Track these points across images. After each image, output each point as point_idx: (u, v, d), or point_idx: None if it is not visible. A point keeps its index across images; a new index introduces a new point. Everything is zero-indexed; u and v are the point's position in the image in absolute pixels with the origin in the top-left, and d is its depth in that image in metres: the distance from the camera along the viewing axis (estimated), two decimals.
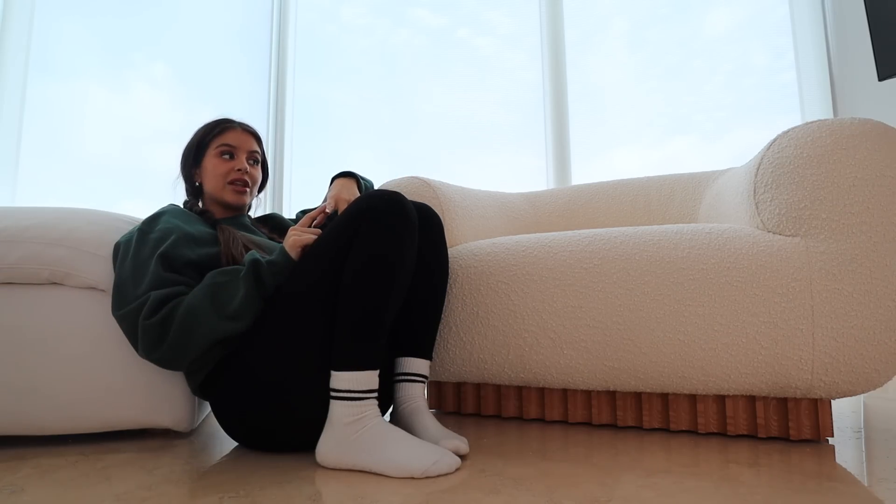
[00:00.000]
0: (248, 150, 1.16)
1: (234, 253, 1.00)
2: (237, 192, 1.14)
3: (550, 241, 1.15)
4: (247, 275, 0.90)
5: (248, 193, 1.16)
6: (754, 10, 2.41)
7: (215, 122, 1.18)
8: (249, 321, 0.91)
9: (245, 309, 0.90)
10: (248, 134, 1.18)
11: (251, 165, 1.17)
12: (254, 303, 0.90)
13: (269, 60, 2.90)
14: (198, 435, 1.14)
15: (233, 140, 1.15)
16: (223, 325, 0.88)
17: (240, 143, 1.15)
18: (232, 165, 1.14)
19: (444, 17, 2.80)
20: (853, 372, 0.92)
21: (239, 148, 1.15)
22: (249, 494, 0.74)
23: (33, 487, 0.78)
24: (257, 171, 1.19)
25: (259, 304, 0.91)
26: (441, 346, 1.22)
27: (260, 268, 0.91)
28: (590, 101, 2.62)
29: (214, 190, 1.14)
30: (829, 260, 0.92)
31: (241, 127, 1.18)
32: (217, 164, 1.13)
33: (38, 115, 2.57)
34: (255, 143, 1.19)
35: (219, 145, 1.14)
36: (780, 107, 2.34)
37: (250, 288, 0.90)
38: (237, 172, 1.13)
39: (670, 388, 1.04)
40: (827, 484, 0.74)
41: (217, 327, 0.88)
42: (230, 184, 1.13)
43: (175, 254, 0.95)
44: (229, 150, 1.14)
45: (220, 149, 1.14)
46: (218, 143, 1.14)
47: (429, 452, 0.82)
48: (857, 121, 0.95)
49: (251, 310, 0.90)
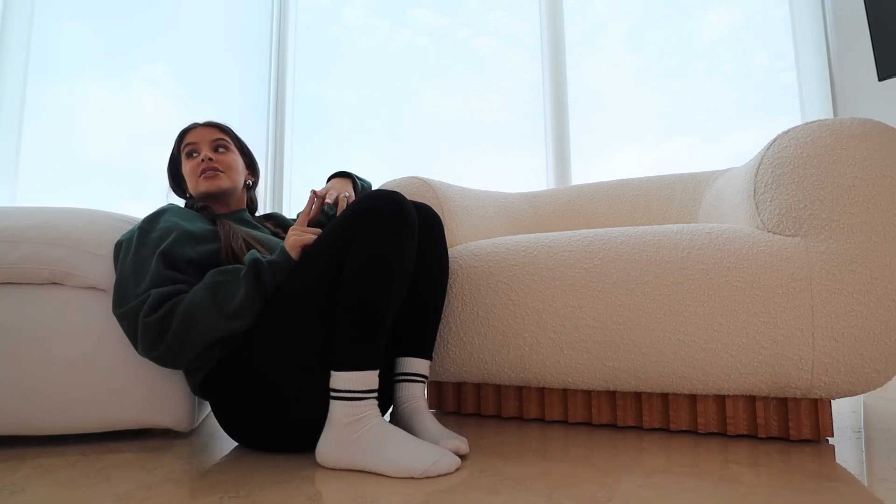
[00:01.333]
0: (209, 141, 1.18)
1: (234, 248, 1.00)
2: (207, 178, 1.14)
3: (550, 241, 1.15)
4: (247, 274, 0.90)
5: (224, 178, 1.16)
6: (754, 11, 2.41)
7: (181, 131, 1.21)
8: (249, 320, 0.91)
9: (245, 308, 0.90)
10: (209, 127, 1.20)
11: (218, 153, 1.18)
12: (254, 302, 0.90)
13: (269, 60, 2.90)
14: (198, 435, 1.14)
15: (193, 138, 1.18)
16: (223, 323, 0.88)
17: (199, 137, 1.18)
18: (197, 160, 1.16)
19: (444, 17, 2.80)
20: (853, 372, 0.92)
21: (200, 142, 1.17)
22: (249, 494, 0.74)
23: (33, 487, 0.78)
24: (227, 155, 1.18)
25: (259, 303, 0.91)
26: (441, 346, 1.22)
27: (260, 267, 0.91)
28: (590, 102, 2.62)
29: (194, 188, 1.16)
30: (829, 260, 0.92)
31: (202, 124, 1.20)
32: (187, 164, 1.17)
33: (38, 115, 2.57)
34: (218, 132, 1.20)
35: (184, 147, 1.18)
36: (780, 107, 2.34)
37: (251, 287, 0.90)
38: (202, 162, 1.15)
39: (670, 388, 1.04)
40: (827, 484, 0.74)
41: (217, 326, 0.88)
42: (200, 174, 1.15)
43: (176, 252, 0.95)
44: (193, 148, 1.17)
45: (186, 150, 1.18)
46: (183, 146, 1.18)
47: (429, 452, 0.82)
48: (857, 121, 0.95)
49: (251, 309, 0.90)
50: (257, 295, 0.91)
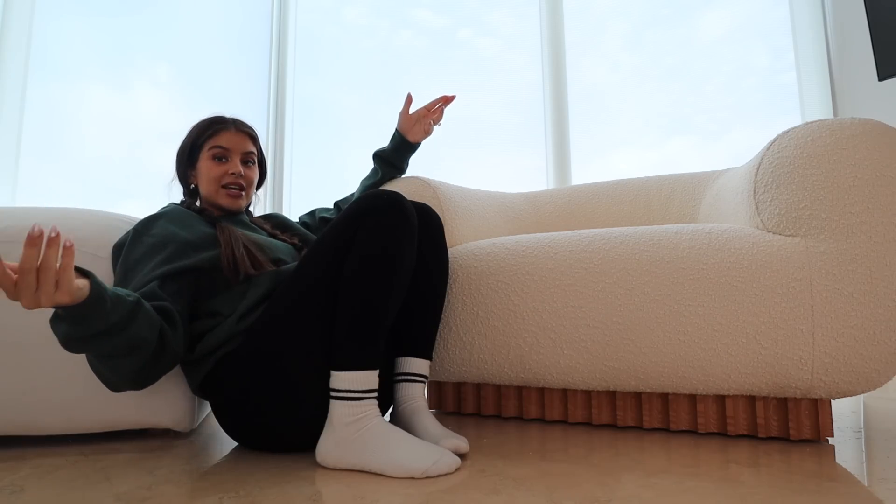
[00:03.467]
0: (242, 152, 1.13)
1: (234, 254, 0.99)
2: (231, 195, 1.12)
3: (550, 241, 1.15)
4: None
5: (244, 196, 1.14)
6: (754, 11, 2.41)
7: (209, 121, 1.14)
8: (88, 351, 0.76)
9: (72, 348, 0.74)
10: (243, 134, 1.14)
11: (246, 167, 1.15)
12: (68, 341, 0.73)
13: (269, 61, 2.90)
14: (198, 435, 1.14)
15: (226, 142, 1.12)
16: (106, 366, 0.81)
17: (233, 144, 1.12)
18: (225, 169, 1.11)
19: (445, 18, 2.80)
20: (853, 372, 0.92)
21: (232, 150, 1.12)
22: (249, 494, 0.74)
23: (33, 487, 0.78)
24: (253, 171, 1.16)
25: (73, 342, 0.73)
26: (441, 346, 1.22)
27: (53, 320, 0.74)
28: (590, 102, 2.62)
29: (209, 194, 1.12)
30: (829, 260, 0.92)
31: (234, 126, 1.14)
32: (210, 167, 1.11)
33: (38, 115, 2.57)
34: (250, 143, 1.15)
35: (212, 147, 1.11)
36: (780, 107, 2.34)
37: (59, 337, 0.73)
38: (231, 176, 1.11)
39: (670, 388, 1.04)
40: (827, 484, 0.74)
41: (96, 363, 0.82)
42: (224, 187, 1.11)
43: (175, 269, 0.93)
44: (223, 153, 1.11)
45: (213, 151, 1.11)
46: (211, 144, 1.11)
47: (429, 452, 0.82)
48: (857, 121, 0.95)
49: (76, 344, 0.73)
50: (64, 335, 0.73)
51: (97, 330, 0.72)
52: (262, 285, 0.98)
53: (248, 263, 0.99)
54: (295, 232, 1.26)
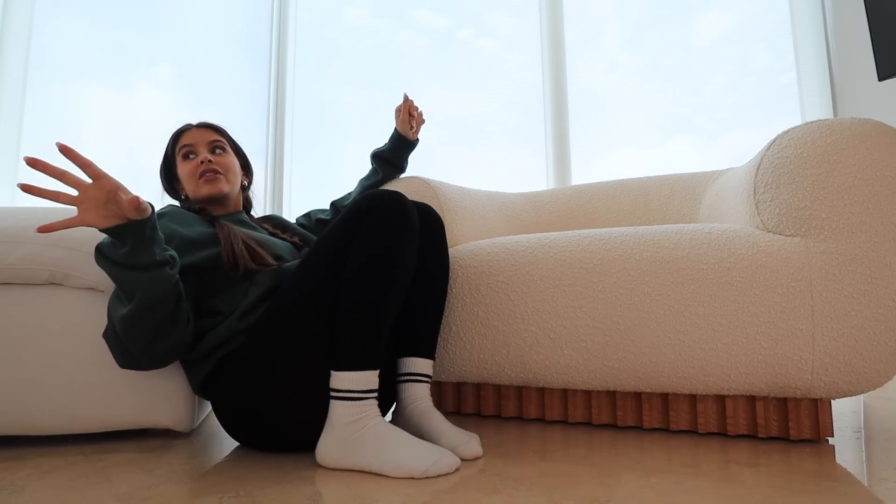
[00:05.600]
0: (206, 142, 1.18)
1: (234, 251, 0.99)
2: (208, 181, 1.14)
3: (550, 241, 1.15)
4: (98, 261, 0.85)
5: (223, 180, 1.16)
6: (754, 11, 2.41)
7: (174, 132, 1.21)
8: (147, 294, 0.84)
9: (124, 286, 0.84)
10: (204, 128, 1.20)
11: (216, 154, 1.18)
12: (121, 275, 0.83)
13: (270, 61, 2.90)
14: (198, 435, 1.14)
15: (188, 139, 1.17)
16: (125, 310, 0.85)
17: (195, 139, 1.17)
18: (196, 162, 1.15)
19: (445, 18, 2.80)
20: (853, 372, 0.92)
21: (196, 143, 1.17)
22: (249, 494, 0.74)
23: (33, 487, 0.78)
24: (225, 157, 1.19)
25: (128, 273, 0.83)
26: (441, 346, 1.22)
27: (99, 247, 0.85)
28: (590, 102, 2.62)
29: (193, 191, 1.15)
30: (829, 260, 0.92)
31: (196, 126, 1.20)
32: (184, 166, 1.16)
33: (38, 115, 2.57)
34: (214, 133, 1.20)
35: (180, 149, 1.17)
36: (780, 107, 2.34)
37: (105, 268, 0.84)
38: (202, 165, 1.14)
39: (670, 388, 1.04)
40: (827, 484, 0.74)
41: (122, 314, 0.85)
42: (200, 177, 1.14)
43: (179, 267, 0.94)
44: (189, 150, 1.17)
45: (182, 151, 1.17)
46: (178, 147, 1.18)
47: (429, 452, 0.82)
48: (857, 121, 0.95)
49: (130, 283, 0.83)
50: (114, 267, 0.83)
51: (148, 260, 0.83)
52: (263, 283, 0.98)
53: (247, 257, 0.99)
54: (295, 232, 1.26)
